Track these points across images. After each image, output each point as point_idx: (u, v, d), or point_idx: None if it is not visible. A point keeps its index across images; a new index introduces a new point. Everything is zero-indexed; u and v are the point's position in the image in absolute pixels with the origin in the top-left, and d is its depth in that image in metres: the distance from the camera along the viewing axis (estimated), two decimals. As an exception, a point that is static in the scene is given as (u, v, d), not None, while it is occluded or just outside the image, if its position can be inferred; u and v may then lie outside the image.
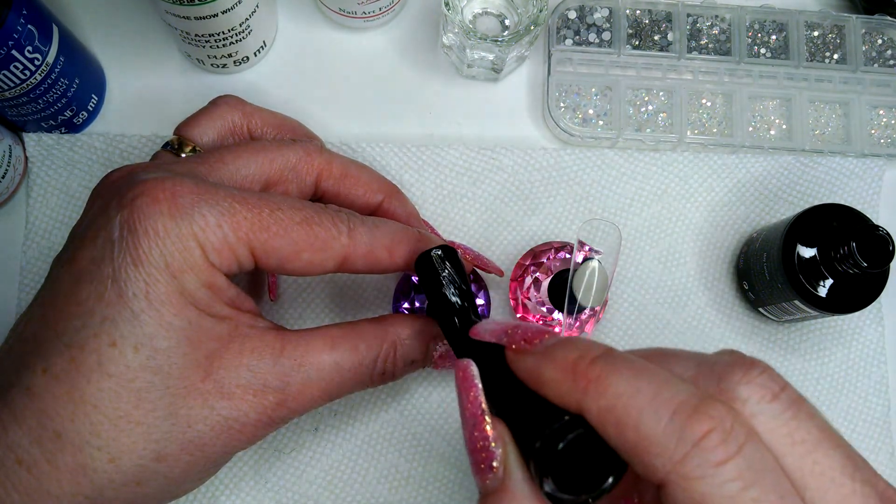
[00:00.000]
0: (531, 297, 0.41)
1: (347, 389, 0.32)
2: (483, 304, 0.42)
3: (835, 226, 0.39)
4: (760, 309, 0.44)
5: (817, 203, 0.40)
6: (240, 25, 0.41)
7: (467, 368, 0.25)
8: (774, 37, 0.49)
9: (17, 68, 0.37)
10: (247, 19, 0.41)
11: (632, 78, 0.47)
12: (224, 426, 0.29)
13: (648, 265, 0.45)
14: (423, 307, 0.41)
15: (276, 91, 0.46)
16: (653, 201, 0.46)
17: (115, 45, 0.46)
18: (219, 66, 0.45)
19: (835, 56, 0.49)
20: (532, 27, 0.42)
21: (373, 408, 0.41)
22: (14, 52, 0.36)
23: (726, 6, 0.49)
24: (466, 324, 0.31)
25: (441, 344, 0.35)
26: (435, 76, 0.47)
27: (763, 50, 0.48)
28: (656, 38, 0.48)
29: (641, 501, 0.24)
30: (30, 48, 0.37)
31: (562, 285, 0.40)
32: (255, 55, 0.45)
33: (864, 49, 0.49)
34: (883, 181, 0.47)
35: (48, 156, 0.43)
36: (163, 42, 0.46)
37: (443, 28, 0.45)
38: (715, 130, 0.47)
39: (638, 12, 0.48)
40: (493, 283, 0.43)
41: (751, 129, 0.47)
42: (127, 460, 0.27)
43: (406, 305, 0.41)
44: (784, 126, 0.48)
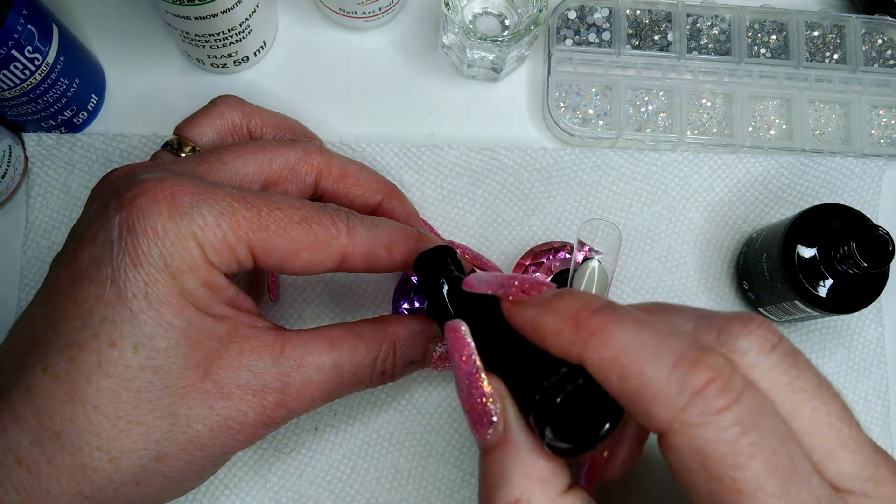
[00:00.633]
0: (531, 297, 0.41)
1: (347, 390, 0.32)
2: (483, 304, 0.42)
3: (835, 226, 0.39)
4: (760, 309, 0.44)
5: (817, 203, 0.40)
6: (240, 25, 0.41)
7: (458, 328, 0.25)
8: (774, 37, 0.49)
9: (17, 68, 0.37)
10: (247, 19, 0.41)
11: (632, 78, 0.47)
12: (223, 426, 0.29)
13: (648, 265, 0.45)
14: (423, 307, 0.41)
15: (276, 91, 0.46)
16: (653, 201, 0.46)
17: (115, 45, 0.46)
18: (219, 66, 0.45)
19: (835, 56, 0.49)
20: (532, 27, 0.42)
21: (373, 408, 0.41)
22: (14, 52, 0.36)
23: (726, 6, 0.49)
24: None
25: (441, 344, 0.35)
26: (435, 76, 0.47)
27: (763, 50, 0.48)
28: (656, 38, 0.48)
29: (612, 455, 0.26)
30: (30, 48, 0.37)
31: (562, 285, 0.40)
32: (255, 55, 0.45)
33: (864, 49, 0.49)
34: (883, 181, 0.47)
35: (48, 156, 0.43)
36: (163, 42, 0.46)
37: (443, 28, 0.45)
38: (715, 130, 0.47)
39: (638, 12, 0.48)
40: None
41: (751, 129, 0.47)
42: (126, 460, 0.27)
43: (406, 305, 0.41)
44: (784, 126, 0.48)
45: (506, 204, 0.44)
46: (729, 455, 0.19)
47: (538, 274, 0.41)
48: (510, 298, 0.24)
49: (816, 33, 0.49)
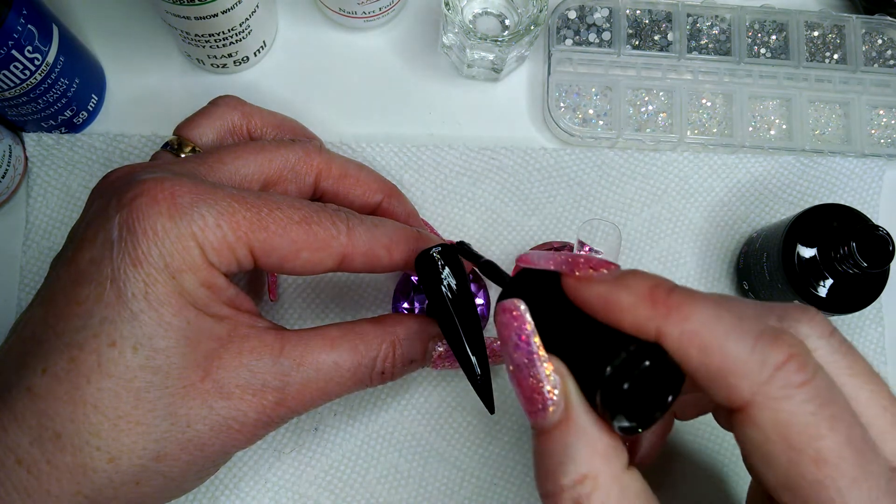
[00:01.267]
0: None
1: (347, 389, 0.32)
2: (482, 305, 0.42)
3: (835, 226, 0.39)
4: (760, 309, 0.44)
5: (817, 203, 0.40)
6: (240, 25, 0.41)
7: (516, 306, 0.25)
8: (774, 37, 0.49)
9: (17, 68, 0.37)
10: (247, 19, 0.41)
11: (632, 78, 0.47)
12: (223, 426, 0.29)
13: (648, 265, 0.45)
14: (423, 307, 0.41)
15: (276, 91, 0.46)
16: (653, 201, 0.46)
17: (115, 45, 0.46)
18: (219, 66, 0.45)
19: (835, 56, 0.49)
20: (532, 27, 0.42)
21: (373, 408, 0.41)
22: (14, 52, 0.36)
23: (726, 6, 0.49)
24: (466, 323, 0.32)
25: (440, 343, 0.35)
26: (435, 76, 0.47)
27: (763, 50, 0.48)
28: (656, 38, 0.48)
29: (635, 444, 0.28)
30: (30, 48, 0.37)
31: (561, 285, 0.40)
32: (255, 55, 0.45)
33: (864, 49, 0.49)
34: (883, 181, 0.47)
35: (48, 156, 0.43)
36: (163, 42, 0.46)
37: (443, 28, 0.45)
38: (715, 130, 0.47)
39: (638, 12, 0.48)
40: (493, 284, 0.43)
41: (751, 129, 0.47)
42: (126, 460, 0.27)
43: (406, 305, 0.41)
44: (784, 126, 0.48)
45: (506, 204, 0.44)
46: (811, 426, 0.20)
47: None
48: (577, 274, 0.24)
49: (816, 33, 0.49)
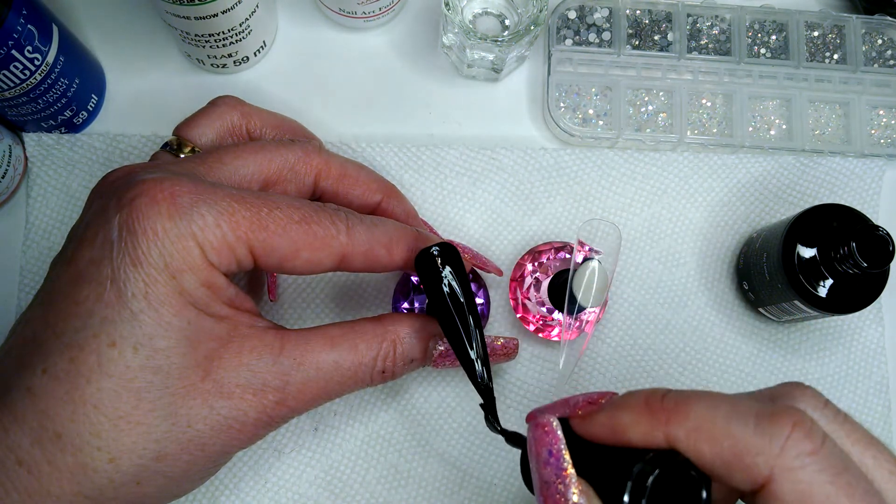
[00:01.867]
0: (531, 297, 0.41)
1: (347, 388, 0.32)
2: (483, 304, 0.42)
3: (835, 226, 0.39)
4: (760, 309, 0.44)
5: (817, 203, 0.40)
6: (240, 25, 0.41)
7: (548, 422, 0.25)
8: (774, 37, 0.49)
9: (17, 68, 0.37)
10: (247, 19, 0.41)
11: (632, 78, 0.47)
12: (224, 426, 0.29)
13: (648, 265, 0.45)
14: (423, 307, 0.41)
15: (276, 91, 0.46)
16: (653, 201, 0.46)
17: (115, 45, 0.46)
18: (219, 66, 0.45)
19: (835, 56, 0.49)
20: (532, 27, 0.42)
21: (373, 408, 0.41)
22: (14, 52, 0.36)
23: (726, 6, 0.49)
24: (466, 321, 0.32)
25: (441, 342, 0.35)
26: (435, 76, 0.47)
27: (763, 50, 0.48)
28: (656, 38, 0.48)
29: None
30: (30, 48, 0.37)
31: (562, 285, 0.40)
32: (255, 55, 0.45)
33: (864, 49, 0.49)
34: (883, 181, 0.47)
35: (48, 156, 0.43)
36: (163, 42, 0.46)
37: (443, 28, 0.45)
38: (715, 130, 0.47)
39: (638, 12, 0.48)
40: (493, 283, 0.43)
41: (751, 129, 0.47)
42: (127, 460, 0.27)
43: (406, 305, 0.41)
44: (784, 126, 0.48)
45: (506, 204, 0.44)
46: (832, 494, 0.21)
47: (538, 274, 0.41)
48: (579, 413, 0.25)
49: (816, 33, 0.49)
